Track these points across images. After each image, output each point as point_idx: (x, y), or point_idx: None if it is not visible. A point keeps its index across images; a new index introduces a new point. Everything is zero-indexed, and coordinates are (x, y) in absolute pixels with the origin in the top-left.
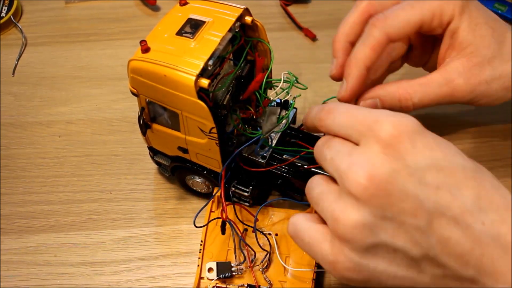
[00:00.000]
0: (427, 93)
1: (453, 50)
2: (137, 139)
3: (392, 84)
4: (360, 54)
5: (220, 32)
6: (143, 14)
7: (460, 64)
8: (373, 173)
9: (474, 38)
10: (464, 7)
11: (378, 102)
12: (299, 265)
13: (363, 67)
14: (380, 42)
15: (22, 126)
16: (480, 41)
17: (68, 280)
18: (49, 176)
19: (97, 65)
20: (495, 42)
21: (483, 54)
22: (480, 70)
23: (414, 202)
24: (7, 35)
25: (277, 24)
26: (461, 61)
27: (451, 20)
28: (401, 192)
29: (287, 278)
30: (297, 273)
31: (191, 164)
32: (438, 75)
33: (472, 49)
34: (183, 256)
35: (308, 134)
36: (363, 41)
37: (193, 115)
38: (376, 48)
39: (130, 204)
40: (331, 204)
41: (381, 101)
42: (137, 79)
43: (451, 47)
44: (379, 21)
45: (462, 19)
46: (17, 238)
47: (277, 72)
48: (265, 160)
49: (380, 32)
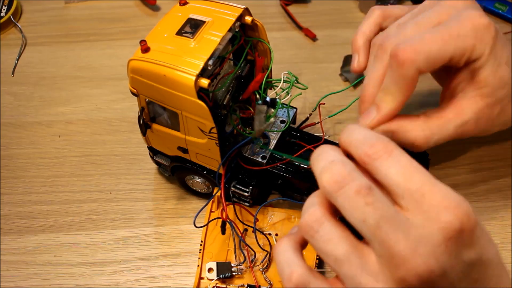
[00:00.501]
0: (443, 135)
1: (469, 86)
2: (137, 139)
3: (407, 121)
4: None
5: (220, 32)
6: (143, 14)
7: (475, 104)
8: (432, 268)
9: (494, 80)
10: (493, 47)
11: (390, 136)
12: None
13: (401, 103)
14: (414, 80)
15: (22, 126)
16: (498, 82)
17: (67, 280)
18: (48, 176)
19: (97, 65)
20: (509, 82)
21: (497, 95)
22: (491, 110)
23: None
24: (7, 35)
25: (277, 24)
26: (476, 100)
27: (478, 58)
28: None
29: None
30: None
31: (191, 164)
32: (453, 115)
33: (490, 91)
34: (183, 256)
35: (308, 134)
36: (396, 84)
37: (193, 115)
38: (410, 89)
39: (130, 204)
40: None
41: (393, 136)
42: (137, 79)
43: (469, 82)
44: (407, 57)
45: (489, 59)
46: (16, 238)
47: (277, 72)
48: (265, 160)
49: (412, 71)
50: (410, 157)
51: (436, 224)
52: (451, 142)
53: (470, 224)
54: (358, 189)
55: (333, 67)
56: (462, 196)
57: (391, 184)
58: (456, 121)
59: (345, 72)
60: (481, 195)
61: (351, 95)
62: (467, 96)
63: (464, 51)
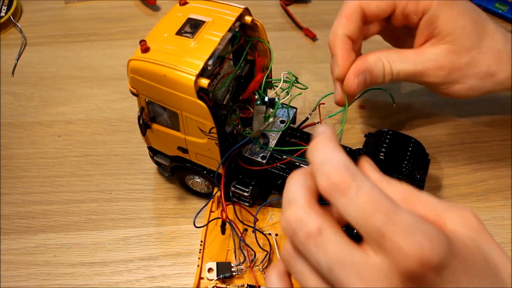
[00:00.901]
0: (404, 65)
1: (432, 38)
2: (137, 139)
3: (370, 55)
4: (339, 26)
5: (220, 32)
6: (143, 14)
7: (438, 49)
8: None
9: (454, 28)
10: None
11: (367, 76)
12: None
13: (345, 38)
14: (354, 10)
15: (22, 126)
16: (460, 31)
17: (67, 281)
18: (48, 176)
19: (97, 65)
20: (476, 33)
21: (462, 43)
22: (457, 57)
23: None
24: (7, 35)
25: (277, 24)
26: (440, 47)
27: (427, 8)
28: None
29: None
30: None
31: (191, 164)
32: (413, 54)
33: (452, 38)
34: (183, 256)
35: (308, 134)
36: (339, 14)
37: (193, 115)
38: (351, 17)
39: (129, 204)
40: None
41: (369, 73)
42: (136, 79)
43: (430, 35)
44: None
45: (442, 8)
46: (16, 238)
47: (277, 72)
48: (265, 160)
49: (354, 3)
50: (372, 186)
51: (395, 265)
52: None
53: (435, 261)
54: (308, 233)
55: None
56: (434, 228)
57: (351, 222)
58: (414, 57)
59: None
60: (481, 195)
61: None
62: (431, 44)
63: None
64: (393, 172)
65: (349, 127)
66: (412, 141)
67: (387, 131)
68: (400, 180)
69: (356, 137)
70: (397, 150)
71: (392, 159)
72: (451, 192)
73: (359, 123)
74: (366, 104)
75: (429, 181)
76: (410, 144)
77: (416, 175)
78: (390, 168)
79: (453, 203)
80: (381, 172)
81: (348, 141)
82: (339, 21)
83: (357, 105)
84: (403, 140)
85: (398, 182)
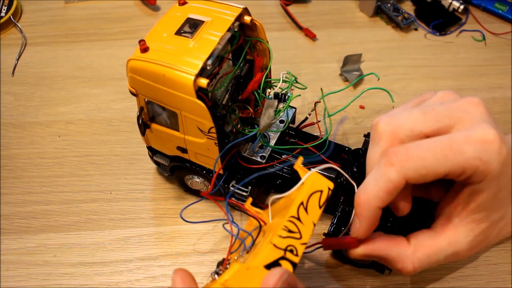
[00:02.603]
0: (432, 264)
1: (464, 210)
2: (137, 139)
3: (396, 249)
4: (374, 197)
5: (219, 32)
6: (143, 14)
7: (470, 232)
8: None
9: (492, 205)
10: (499, 173)
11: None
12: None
13: (377, 210)
14: (397, 187)
15: (22, 126)
16: (495, 205)
17: (67, 281)
18: (48, 176)
19: (97, 65)
20: (506, 203)
21: (492, 219)
22: (486, 236)
23: None
24: (7, 35)
25: (277, 24)
26: (472, 227)
27: (480, 181)
28: None
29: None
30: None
31: (190, 164)
32: (446, 244)
33: (485, 215)
34: (183, 256)
35: (307, 134)
36: (377, 181)
37: (192, 114)
38: (391, 192)
39: (129, 204)
40: None
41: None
42: (136, 78)
43: (465, 205)
44: (398, 160)
45: (491, 185)
46: (16, 238)
47: (277, 72)
48: (264, 160)
49: (398, 176)
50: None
51: None
52: None
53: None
54: None
55: (332, 67)
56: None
57: None
58: (448, 251)
59: (345, 72)
60: None
61: (350, 95)
62: (463, 222)
63: (464, 171)
64: None
65: (349, 127)
66: None
67: None
68: None
69: (355, 137)
70: None
71: None
72: None
73: (359, 123)
74: (366, 104)
75: None
76: None
77: None
78: None
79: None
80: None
81: (348, 141)
82: (376, 193)
83: (357, 105)
84: None
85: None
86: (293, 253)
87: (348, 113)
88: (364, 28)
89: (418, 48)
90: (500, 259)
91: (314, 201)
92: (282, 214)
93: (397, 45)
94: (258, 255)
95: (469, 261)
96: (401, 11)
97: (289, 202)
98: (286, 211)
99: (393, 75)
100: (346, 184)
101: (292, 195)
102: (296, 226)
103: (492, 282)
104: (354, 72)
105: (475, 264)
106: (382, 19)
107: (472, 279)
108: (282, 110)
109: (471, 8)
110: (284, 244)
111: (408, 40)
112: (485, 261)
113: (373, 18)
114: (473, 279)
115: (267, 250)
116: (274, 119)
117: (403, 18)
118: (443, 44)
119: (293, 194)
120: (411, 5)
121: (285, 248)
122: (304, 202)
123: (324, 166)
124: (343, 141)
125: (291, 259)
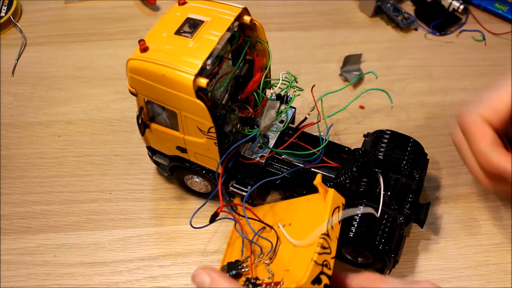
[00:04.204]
0: None
1: None
2: (137, 139)
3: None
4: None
5: (218, 32)
6: (143, 14)
7: None
8: None
9: None
10: None
11: None
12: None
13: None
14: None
15: (22, 126)
16: None
17: (67, 281)
18: (48, 176)
19: (97, 65)
20: None
21: None
22: None
23: None
24: (7, 35)
25: (277, 24)
26: None
27: None
28: None
29: (291, 265)
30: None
31: (190, 163)
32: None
33: None
34: (183, 256)
35: (307, 134)
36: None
37: (192, 114)
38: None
39: (129, 204)
40: None
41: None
42: (135, 78)
43: None
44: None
45: None
46: (16, 238)
47: (277, 72)
48: (264, 160)
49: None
50: None
51: None
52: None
53: None
54: None
55: (332, 67)
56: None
57: None
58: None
59: (345, 72)
60: (481, 195)
61: (350, 95)
62: None
63: None
64: (392, 172)
65: (348, 127)
66: (411, 141)
67: (386, 131)
68: (399, 180)
69: (355, 137)
70: (396, 150)
71: (391, 158)
72: (451, 192)
73: (359, 123)
74: (365, 104)
75: (429, 181)
76: (409, 144)
77: (415, 175)
78: (389, 168)
79: (415, 281)
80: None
81: (348, 141)
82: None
83: (357, 105)
84: (402, 140)
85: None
86: (327, 267)
87: (348, 113)
88: (364, 28)
89: (418, 48)
90: (500, 259)
91: (335, 217)
92: (291, 220)
93: (397, 45)
94: (306, 274)
95: (469, 261)
96: (401, 11)
97: (293, 207)
98: (304, 221)
99: (393, 75)
100: (346, 184)
101: (296, 202)
102: (327, 242)
103: (492, 282)
104: (354, 72)
105: (475, 264)
106: (382, 19)
107: (472, 279)
108: (283, 111)
109: (471, 8)
110: (321, 260)
111: (408, 40)
112: (485, 261)
113: (373, 18)
114: (473, 279)
115: (310, 267)
116: (274, 120)
117: (403, 18)
118: (443, 44)
119: (296, 202)
120: (411, 5)
121: (322, 264)
122: (329, 219)
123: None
124: (343, 141)
125: (327, 272)
